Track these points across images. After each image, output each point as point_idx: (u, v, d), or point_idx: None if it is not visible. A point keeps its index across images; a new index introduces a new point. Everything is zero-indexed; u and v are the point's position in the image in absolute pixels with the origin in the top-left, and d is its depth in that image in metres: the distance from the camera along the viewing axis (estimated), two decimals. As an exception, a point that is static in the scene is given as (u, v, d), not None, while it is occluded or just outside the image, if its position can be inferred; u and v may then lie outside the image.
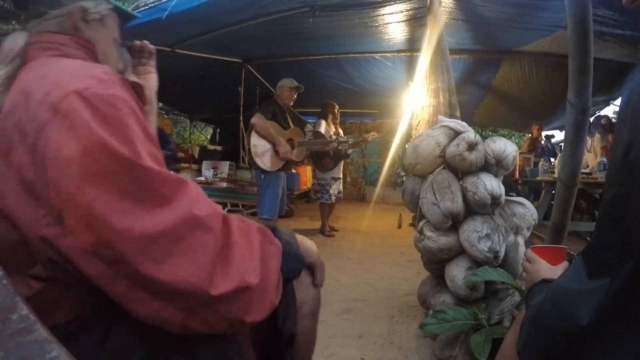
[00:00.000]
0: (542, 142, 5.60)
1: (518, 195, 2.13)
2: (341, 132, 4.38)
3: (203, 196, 0.62)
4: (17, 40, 0.70)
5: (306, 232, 4.31)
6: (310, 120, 6.63)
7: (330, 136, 4.01)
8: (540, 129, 5.64)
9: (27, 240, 0.57)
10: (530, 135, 5.70)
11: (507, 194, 1.80)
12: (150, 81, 0.92)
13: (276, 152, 3.19)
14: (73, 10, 0.74)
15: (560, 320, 0.55)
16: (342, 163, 4.33)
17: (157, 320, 0.56)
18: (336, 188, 4.24)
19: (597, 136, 4.49)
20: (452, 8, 3.32)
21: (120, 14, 0.84)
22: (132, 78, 0.86)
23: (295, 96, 3.41)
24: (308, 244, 0.83)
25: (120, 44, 0.84)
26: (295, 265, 0.74)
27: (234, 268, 0.60)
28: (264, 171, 3.08)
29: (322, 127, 4.01)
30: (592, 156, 4.42)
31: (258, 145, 3.08)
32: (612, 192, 0.52)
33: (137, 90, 0.69)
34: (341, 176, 4.40)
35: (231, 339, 0.67)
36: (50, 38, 0.71)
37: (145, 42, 0.93)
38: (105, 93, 0.58)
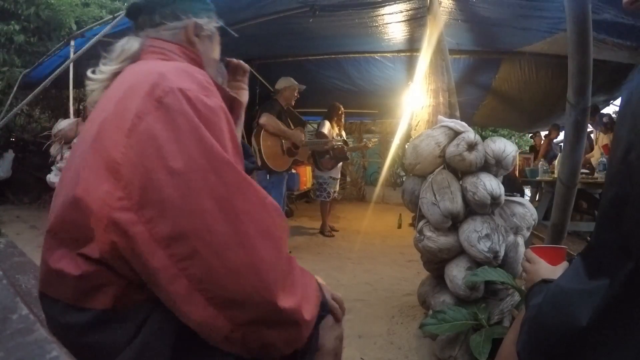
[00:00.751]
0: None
1: (522, 195, 2.12)
2: (344, 134, 4.42)
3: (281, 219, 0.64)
4: (132, 43, 0.76)
5: (306, 232, 4.31)
6: (310, 120, 6.63)
7: (333, 137, 4.06)
8: (558, 130, 5.55)
9: (90, 218, 0.57)
10: (547, 136, 5.58)
11: (512, 194, 1.80)
12: (242, 97, 0.96)
13: (288, 148, 3.20)
14: (189, 24, 0.79)
15: (559, 321, 0.55)
16: (341, 164, 4.38)
17: (205, 327, 0.56)
18: (333, 187, 4.29)
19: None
20: (451, 8, 3.31)
21: (221, 33, 0.89)
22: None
23: (297, 95, 3.41)
24: (323, 285, 0.84)
25: (219, 60, 0.90)
26: (322, 312, 0.75)
27: (297, 293, 0.61)
28: (269, 171, 3.07)
29: (326, 128, 4.06)
30: (599, 149, 4.41)
31: (268, 146, 3.08)
32: (612, 192, 0.52)
33: (234, 105, 0.73)
34: (339, 176, 4.46)
35: None
36: (161, 44, 0.76)
37: (241, 61, 0.98)
38: (207, 99, 0.60)
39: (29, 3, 4.94)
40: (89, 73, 0.75)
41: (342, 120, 4.32)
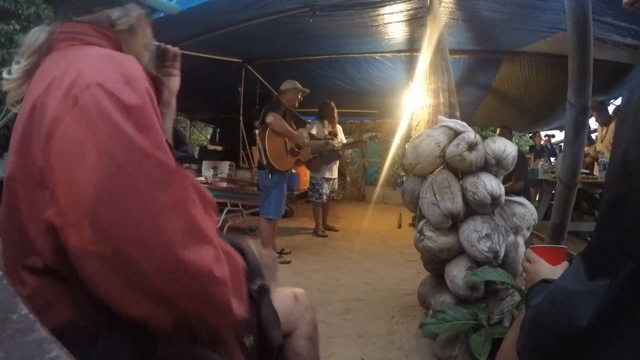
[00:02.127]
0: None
1: (526, 175, 2.05)
2: (341, 131, 4.43)
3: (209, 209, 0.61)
4: (38, 34, 0.69)
5: (306, 232, 4.32)
6: (309, 120, 6.65)
7: (325, 136, 4.10)
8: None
9: (28, 228, 0.56)
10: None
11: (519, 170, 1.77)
12: (172, 83, 0.90)
13: (291, 148, 3.22)
14: (99, 18, 0.71)
15: (560, 321, 0.55)
16: (336, 164, 4.40)
17: (148, 321, 0.55)
18: (328, 188, 4.31)
19: (612, 127, 4.38)
20: (452, 8, 3.31)
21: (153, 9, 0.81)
22: None
23: (300, 98, 3.46)
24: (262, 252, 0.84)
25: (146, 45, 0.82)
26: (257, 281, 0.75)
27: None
28: (272, 171, 3.08)
29: (314, 129, 4.12)
30: (603, 146, 4.38)
31: (272, 145, 3.10)
32: (612, 192, 0.52)
33: (156, 84, 0.68)
34: (335, 177, 4.48)
35: (223, 348, 0.66)
36: (72, 28, 0.68)
37: (169, 45, 0.91)
38: (128, 84, 0.57)
39: (29, 3, 4.95)
40: (4, 74, 0.70)
41: (335, 117, 4.33)
